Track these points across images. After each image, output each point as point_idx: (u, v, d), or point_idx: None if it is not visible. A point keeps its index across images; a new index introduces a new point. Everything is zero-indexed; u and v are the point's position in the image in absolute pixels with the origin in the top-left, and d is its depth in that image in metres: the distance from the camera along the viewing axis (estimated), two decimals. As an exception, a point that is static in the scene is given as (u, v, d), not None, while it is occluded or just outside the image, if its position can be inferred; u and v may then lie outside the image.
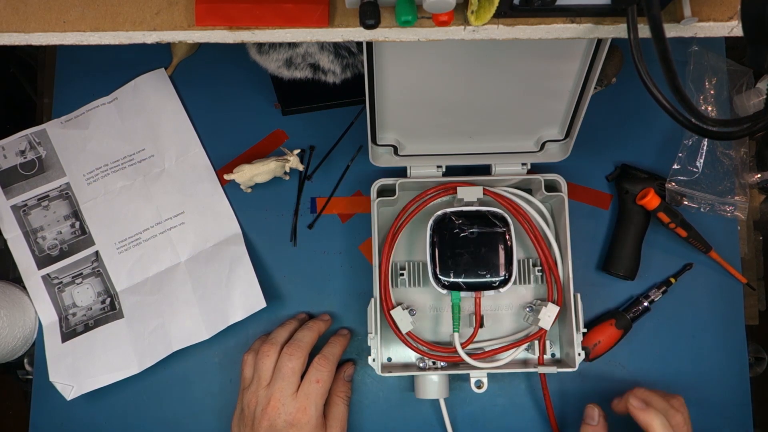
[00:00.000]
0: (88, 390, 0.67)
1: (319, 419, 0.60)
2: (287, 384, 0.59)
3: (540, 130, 0.65)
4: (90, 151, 0.72)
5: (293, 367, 0.60)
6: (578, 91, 0.58)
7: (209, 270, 0.69)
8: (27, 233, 0.71)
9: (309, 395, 0.59)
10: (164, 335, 0.68)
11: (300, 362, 0.60)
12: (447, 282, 0.62)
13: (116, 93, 0.74)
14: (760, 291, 0.73)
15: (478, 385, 0.64)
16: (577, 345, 0.62)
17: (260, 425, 0.58)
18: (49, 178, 0.72)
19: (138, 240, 0.71)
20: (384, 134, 0.64)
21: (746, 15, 0.35)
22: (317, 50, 0.60)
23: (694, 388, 0.69)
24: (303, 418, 0.58)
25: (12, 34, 0.42)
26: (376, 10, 0.37)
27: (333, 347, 0.64)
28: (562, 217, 0.65)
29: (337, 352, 0.64)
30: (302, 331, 0.64)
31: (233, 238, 0.70)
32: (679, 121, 0.38)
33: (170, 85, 0.74)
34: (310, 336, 0.63)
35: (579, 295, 0.63)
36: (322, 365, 0.61)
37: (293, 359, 0.60)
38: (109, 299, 0.70)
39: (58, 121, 0.73)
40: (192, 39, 0.43)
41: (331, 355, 0.63)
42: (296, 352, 0.61)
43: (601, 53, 0.53)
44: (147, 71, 0.74)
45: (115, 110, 0.73)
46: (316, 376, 0.61)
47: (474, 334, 0.63)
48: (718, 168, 0.70)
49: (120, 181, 0.72)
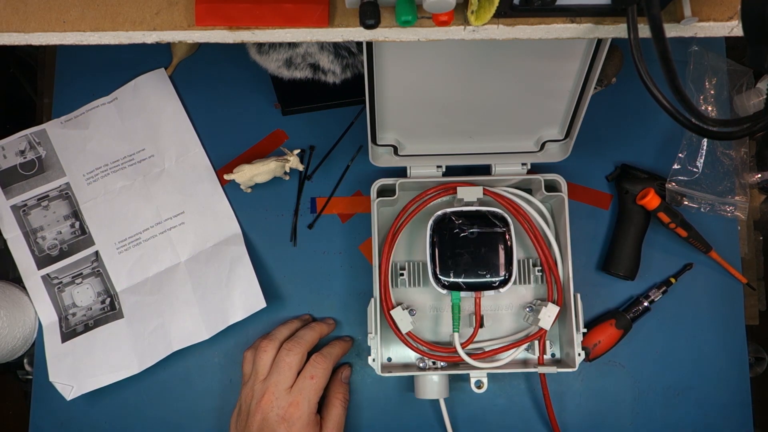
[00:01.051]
0: (88, 390, 0.67)
1: (311, 416, 0.60)
2: (283, 378, 0.59)
3: (540, 130, 0.65)
4: (90, 151, 0.72)
5: (290, 362, 0.60)
6: (578, 91, 0.58)
7: (209, 270, 0.69)
8: (27, 233, 0.71)
9: (302, 390, 0.59)
10: (164, 335, 0.68)
11: (297, 358, 0.61)
12: (447, 282, 0.62)
13: (116, 93, 0.74)
14: (760, 291, 0.73)
15: (478, 385, 0.64)
16: (577, 345, 0.62)
17: (254, 419, 0.58)
18: (49, 178, 0.72)
19: (138, 240, 0.71)
20: (384, 134, 0.64)
21: (746, 15, 0.35)
22: (317, 50, 0.60)
23: (694, 388, 0.69)
24: (295, 413, 0.58)
25: (12, 34, 0.42)
26: (376, 10, 0.37)
27: (332, 347, 0.65)
28: (562, 217, 0.65)
29: (336, 352, 0.64)
30: (304, 330, 0.64)
31: (233, 238, 0.70)
32: (679, 121, 0.38)
33: (170, 85, 0.74)
34: (311, 335, 0.63)
35: (579, 295, 0.63)
36: (319, 362, 0.61)
37: (291, 354, 0.60)
38: (109, 299, 0.70)
39: (57, 121, 0.73)
40: (192, 39, 0.43)
41: (329, 354, 0.63)
42: (295, 348, 0.61)
43: (601, 53, 0.53)
44: (147, 71, 0.74)
45: (114, 110, 0.73)
46: (311, 372, 0.61)
47: (474, 334, 0.63)
48: (718, 168, 0.70)
49: (120, 181, 0.72)
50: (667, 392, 0.69)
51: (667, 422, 0.68)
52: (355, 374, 0.69)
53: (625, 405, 0.69)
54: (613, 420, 0.68)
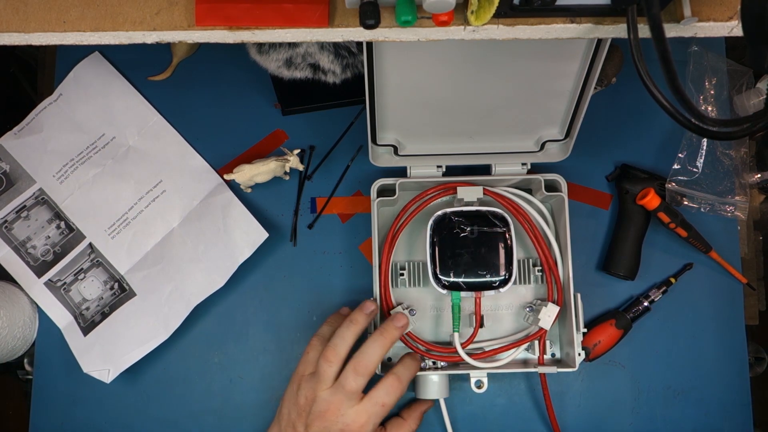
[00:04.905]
0: (125, 367, 0.67)
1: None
2: (348, 400, 0.56)
3: (540, 130, 0.65)
4: (52, 152, 0.72)
5: (357, 389, 0.56)
6: (578, 91, 0.58)
7: (204, 225, 0.69)
8: (16, 247, 0.71)
9: (370, 415, 0.56)
10: (180, 296, 0.68)
11: (364, 383, 0.57)
12: (447, 282, 0.62)
13: (59, 89, 0.74)
14: (760, 291, 0.73)
15: (478, 385, 0.64)
16: (577, 345, 0.62)
17: (313, 424, 0.56)
18: (20, 189, 0.72)
19: (126, 220, 0.71)
20: (384, 134, 0.64)
21: (746, 15, 0.35)
22: (317, 50, 0.60)
23: (694, 388, 0.69)
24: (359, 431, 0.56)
25: (12, 34, 0.42)
26: (376, 10, 0.37)
27: (406, 369, 0.60)
28: (562, 217, 0.65)
29: (409, 376, 0.60)
30: (371, 347, 0.58)
31: (217, 189, 0.71)
32: (679, 121, 0.38)
33: (110, 66, 0.74)
34: (378, 355, 0.58)
35: (579, 295, 0.63)
36: (394, 389, 0.57)
37: (359, 380, 0.56)
38: (117, 283, 0.70)
39: (11, 134, 0.73)
40: (192, 39, 0.43)
41: (405, 379, 0.59)
42: (363, 371, 0.56)
43: (601, 53, 0.53)
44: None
45: (63, 106, 0.73)
46: (384, 400, 0.57)
47: (474, 334, 0.63)
48: (718, 168, 0.70)
49: (91, 171, 0.72)
50: (667, 392, 0.69)
51: (667, 422, 0.68)
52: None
53: (625, 405, 0.69)
54: (613, 420, 0.68)
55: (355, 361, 0.57)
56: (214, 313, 0.71)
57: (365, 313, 0.60)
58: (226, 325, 0.70)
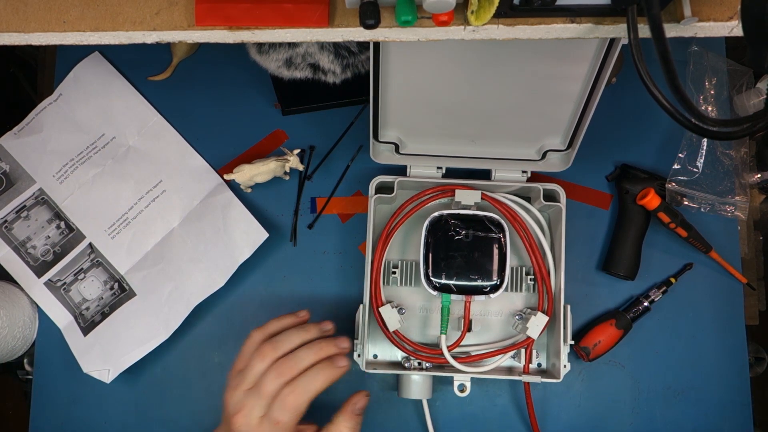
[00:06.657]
0: (125, 367, 0.67)
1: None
2: (258, 405, 0.52)
3: (542, 139, 0.64)
4: (52, 152, 0.72)
5: (271, 393, 0.52)
6: (585, 97, 0.57)
7: (204, 224, 0.70)
8: (16, 247, 0.71)
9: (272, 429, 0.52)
10: (180, 296, 0.68)
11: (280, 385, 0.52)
12: (438, 283, 0.61)
13: (59, 89, 0.74)
14: (760, 291, 0.73)
15: (461, 389, 0.64)
16: (563, 356, 0.62)
17: (230, 428, 0.53)
18: (20, 189, 0.72)
19: (126, 220, 0.71)
20: (386, 131, 0.64)
21: (746, 15, 0.35)
22: (317, 50, 0.60)
23: (694, 388, 0.69)
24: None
25: (12, 34, 0.42)
26: (376, 10, 0.37)
27: (312, 381, 0.53)
28: (558, 228, 0.65)
29: (315, 388, 0.53)
30: (311, 373, 0.53)
31: (217, 189, 0.71)
32: (679, 121, 0.38)
33: (110, 66, 0.74)
34: (321, 382, 0.53)
35: (569, 306, 0.63)
36: (287, 406, 0.52)
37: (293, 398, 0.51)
38: (117, 283, 0.70)
39: (11, 134, 0.73)
40: (192, 39, 0.43)
41: (304, 391, 0.52)
42: (299, 393, 0.52)
43: (612, 55, 0.51)
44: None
45: (63, 106, 0.73)
46: (277, 417, 0.51)
47: (461, 337, 0.63)
48: (718, 168, 0.70)
49: (90, 171, 0.72)
50: (667, 392, 0.69)
51: (667, 422, 0.68)
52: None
53: (625, 405, 0.69)
54: (613, 420, 0.68)
55: (283, 365, 0.53)
56: (214, 313, 0.71)
57: (321, 328, 0.58)
58: (226, 325, 0.70)
